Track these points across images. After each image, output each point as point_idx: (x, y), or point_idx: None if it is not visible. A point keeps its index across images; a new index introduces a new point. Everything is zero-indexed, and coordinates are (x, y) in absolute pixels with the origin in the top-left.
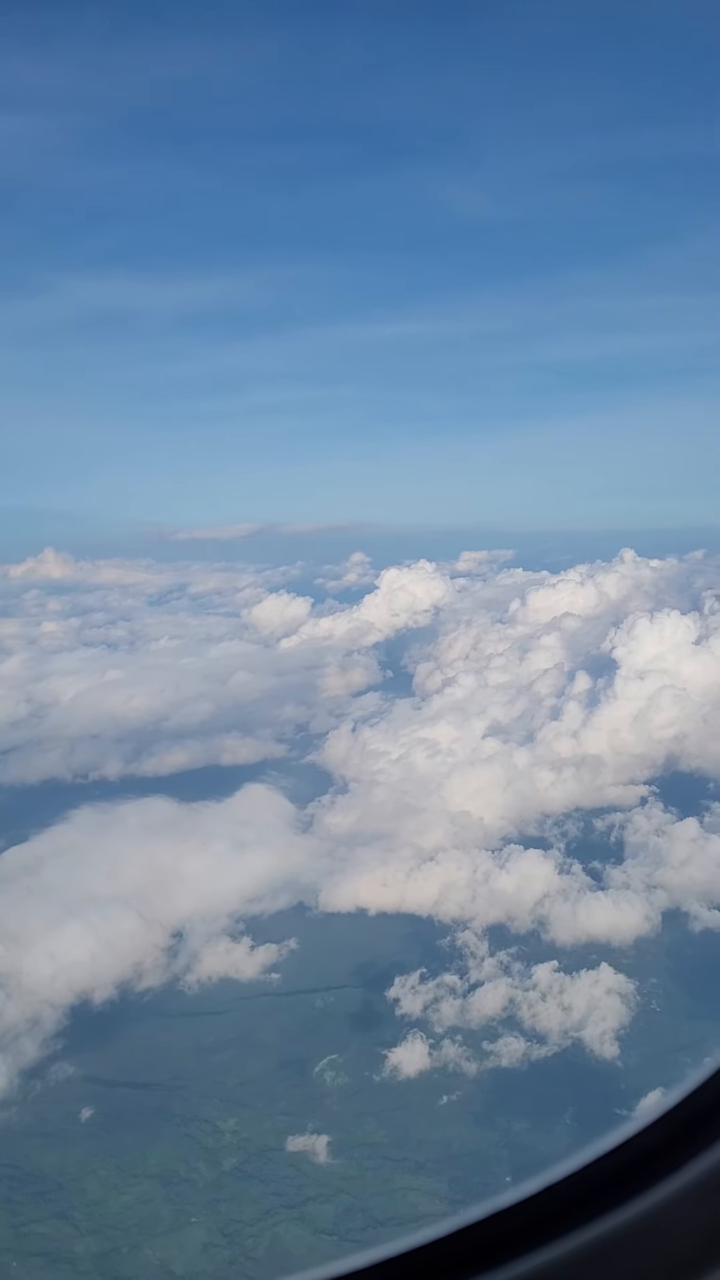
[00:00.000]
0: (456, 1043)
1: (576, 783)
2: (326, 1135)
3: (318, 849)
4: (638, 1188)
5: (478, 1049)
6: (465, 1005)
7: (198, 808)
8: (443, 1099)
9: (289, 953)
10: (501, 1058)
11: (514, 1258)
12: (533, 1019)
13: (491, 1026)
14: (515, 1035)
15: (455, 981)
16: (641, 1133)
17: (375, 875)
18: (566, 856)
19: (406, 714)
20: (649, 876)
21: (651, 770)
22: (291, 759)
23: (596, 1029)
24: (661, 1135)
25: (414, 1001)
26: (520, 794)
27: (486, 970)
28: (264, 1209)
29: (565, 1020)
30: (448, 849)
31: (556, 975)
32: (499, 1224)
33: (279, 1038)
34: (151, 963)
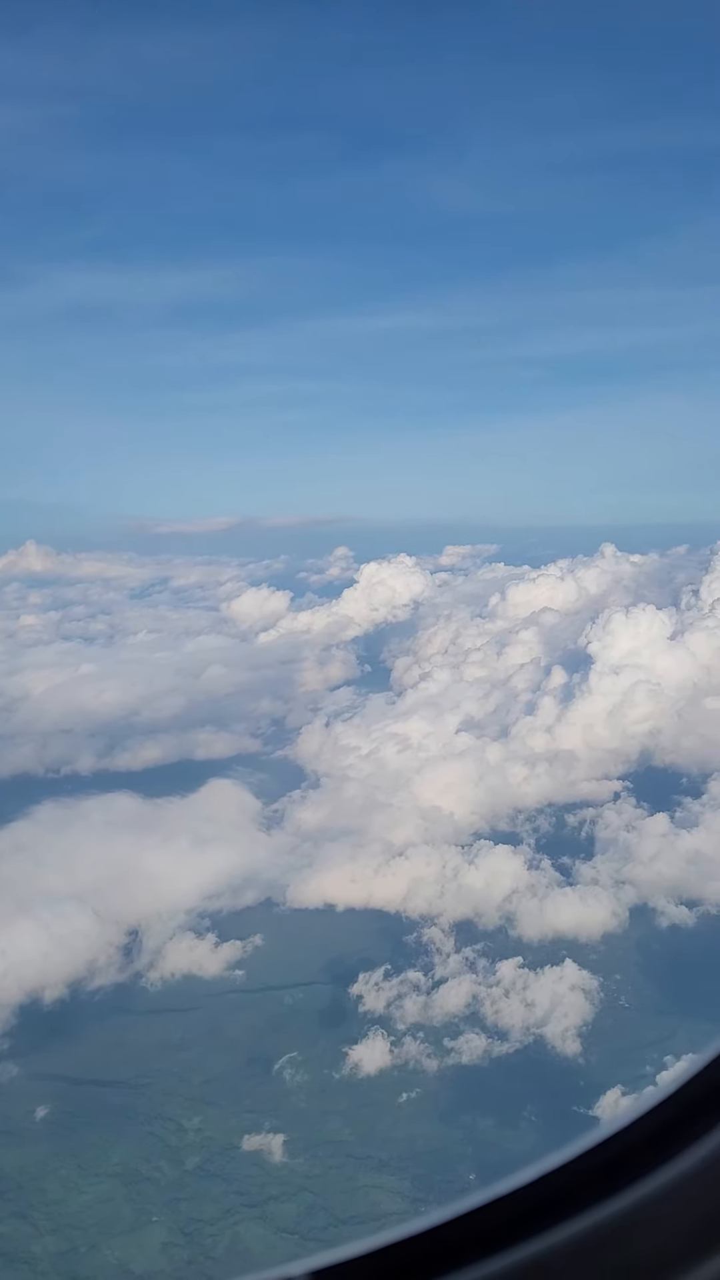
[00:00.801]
0: (418, 1040)
1: (549, 778)
2: (290, 1133)
3: (286, 844)
4: (630, 1179)
5: (439, 1046)
6: (429, 1002)
7: (162, 803)
8: (402, 1096)
9: (254, 949)
10: (462, 1055)
11: (506, 1247)
12: (496, 1015)
13: (453, 1023)
14: (477, 1032)
15: (419, 978)
16: (633, 1124)
17: (344, 871)
18: (536, 852)
19: (380, 709)
20: (618, 872)
21: (625, 765)
22: (265, 754)
23: (558, 1026)
24: (652, 1127)
25: (377, 998)
26: (492, 789)
27: (451, 966)
28: (225, 1208)
29: (528, 1017)
30: (417, 844)
31: (521, 971)
32: (491, 1214)
33: (246, 1035)
34: (105, 960)
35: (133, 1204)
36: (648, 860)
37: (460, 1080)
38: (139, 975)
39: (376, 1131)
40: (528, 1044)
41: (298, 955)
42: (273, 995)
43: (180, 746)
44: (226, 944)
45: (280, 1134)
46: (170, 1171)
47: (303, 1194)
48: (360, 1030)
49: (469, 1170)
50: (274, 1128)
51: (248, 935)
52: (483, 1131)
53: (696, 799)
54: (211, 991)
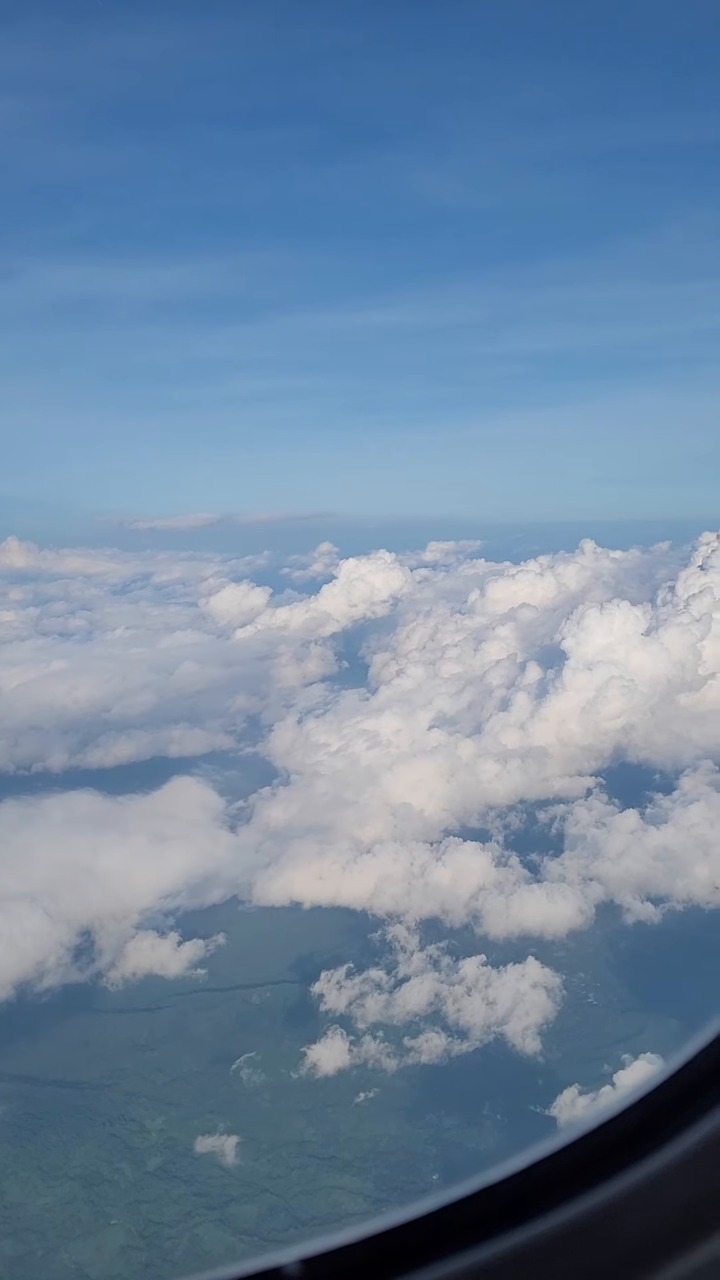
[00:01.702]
0: (378, 1039)
1: (522, 774)
2: (254, 1134)
3: (253, 842)
4: (618, 1167)
5: (399, 1045)
6: (390, 1000)
7: (124, 801)
8: (360, 1096)
9: (216, 948)
10: (422, 1054)
11: (496, 1235)
12: (458, 1014)
13: (415, 1022)
14: (438, 1031)
15: (382, 977)
16: (621, 1114)
17: (311, 868)
18: (505, 849)
19: (354, 705)
20: (586, 869)
21: (599, 762)
22: (238, 751)
23: (520, 1024)
24: (640, 1117)
25: (339, 997)
26: (463, 786)
27: (415, 964)
28: (185, 1210)
29: (490, 1015)
30: (386, 841)
31: (483, 969)
32: (481, 1202)
33: (212, 1034)
34: (56, 961)
35: (92, 1206)
36: (615, 857)
37: (424, 1079)
38: (100, 975)
39: (340, 1132)
40: (488, 1043)
41: (264, 953)
42: (239, 994)
43: (153, 743)
44: (189, 943)
45: (244, 1134)
46: (131, 1173)
47: (264, 1195)
48: (322, 1029)
49: (433, 1170)
50: (237, 1128)
51: (211, 934)
52: (447, 1131)
53: (668, 795)
54: (176, 990)
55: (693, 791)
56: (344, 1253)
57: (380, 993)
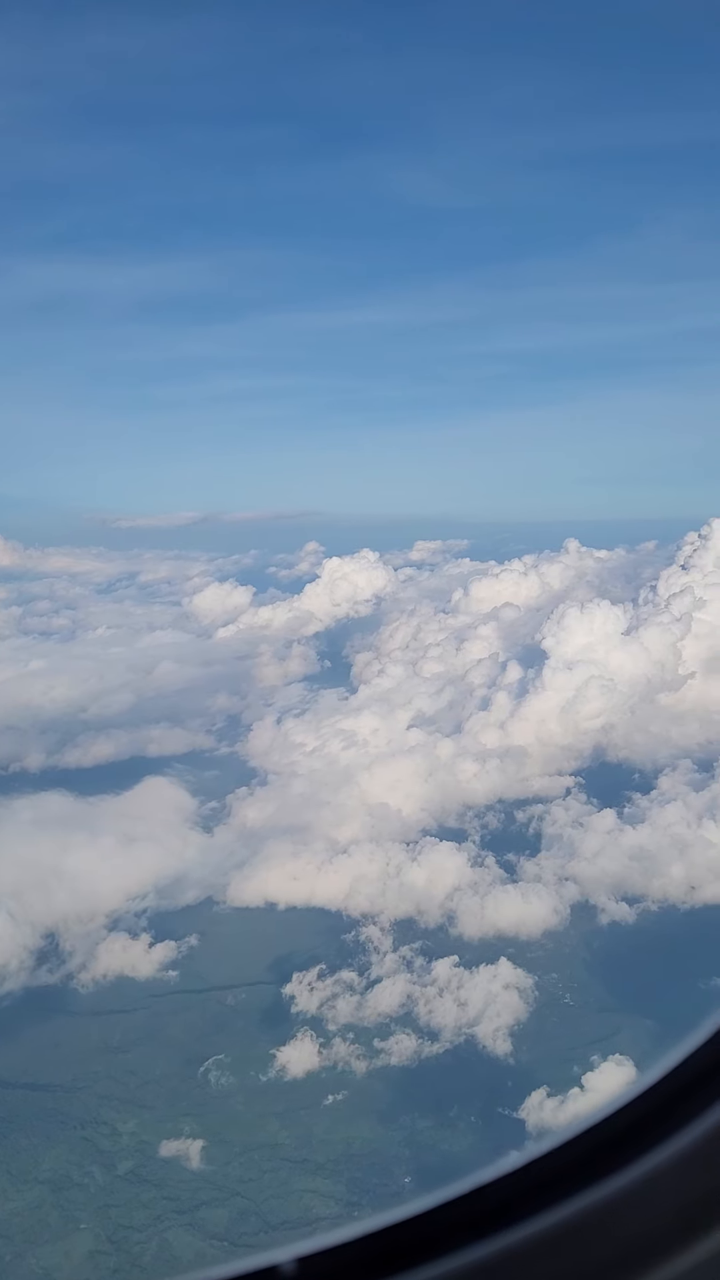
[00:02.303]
0: (348, 1041)
1: (500, 774)
2: (226, 1136)
3: (229, 842)
4: (617, 1164)
5: (369, 1047)
6: (362, 1002)
7: (95, 802)
8: (329, 1099)
9: (190, 949)
10: (392, 1056)
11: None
12: (429, 1015)
13: (385, 1024)
14: (408, 1032)
15: (354, 978)
16: (620, 1110)
17: (286, 869)
18: (482, 849)
19: (333, 705)
20: (562, 869)
21: (578, 761)
22: (216, 750)
23: (491, 1025)
24: (638, 1113)
25: (311, 999)
26: (441, 785)
27: (388, 966)
28: (155, 1214)
29: (461, 1016)
30: (362, 842)
31: (456, 970)
32: (479, 1200)
33: (187, 1036)
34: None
35: (61, 1211)
36: (591, 857)
37: (396, 1081)
38: (70, 977)
39: (313, 1134)
40: (459, 1044)
41: (240, 954)
42: (214, 995)
43: (132, 743)
44: (161, 944)
45: (216, 1137)
46: (102, 1177)
47: (235, 1199)
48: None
49: (405, 1173)
50: (210, 1131)
51: (184, 935)
52: (421, 1133)
53: (646, 795)
54: (149, 992)
55: (670, 791)
56: (339, 1251)
57: (352, 994)
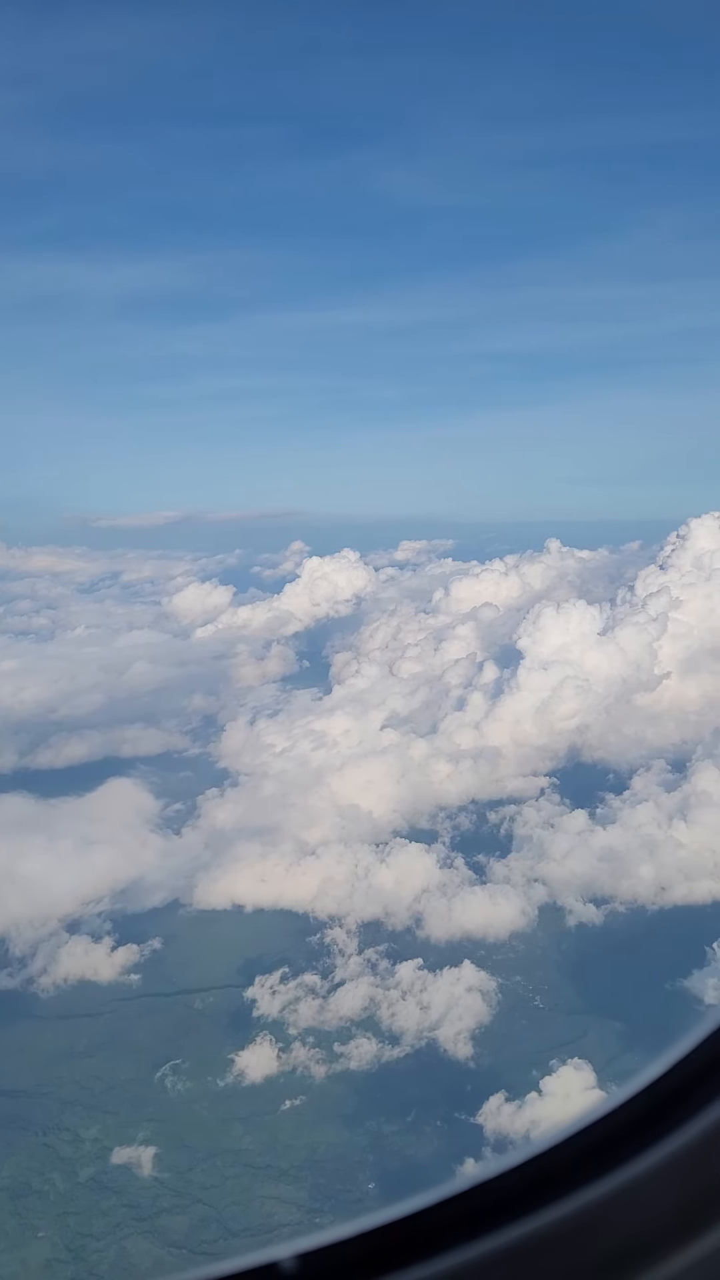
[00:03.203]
0: (308, 1045)
1: (474, 775)
2: (191, 1141)
3: (196, 844)
4: (616, 1162)
5: (329, 1051)
6: (324, 1005)
7: (57, 804)
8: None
9: (157, 952)
10: (351, 1060)
11: (493, 1230)
12: (391, 1019)
13: (346, 1028)
14: (369, 1036)
15: (317, 981)
16: (618, 1109)
17: (254, 871)
18: (452, 850)
19: (306, 705)
20: (531, 870)
21: (553, 762)
22: (191, 751)
23: (453, 1029)
24: (637, 1112)
25: (273, 1002)
26: (414, 786)
27: (352, 968)
28: (115, 1221)
29: (423, 1020)
30: (331, 843)
31: (419, 973)
32: (478, 1197)
33: (153, 1040)
34: None
35: (19, 1219)
36: (561, 858)
37: (359, 1086)
38: (31, 980)
39: (278, 1139)
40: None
41: (207, 957)
42: (182, 999)
43: (106, 744)
44: (123, 948)
45: (179, 1143)
46: (62, 1184)
47: (197, 1206)
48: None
49: (369, 1179)
50: (174, 1136)
51: (148, 938)
52: (386, 1138)
53: (620, 795)
54: (116, 996)
55: (643, 791)
56: (338, 1249)
57: (314, 998)
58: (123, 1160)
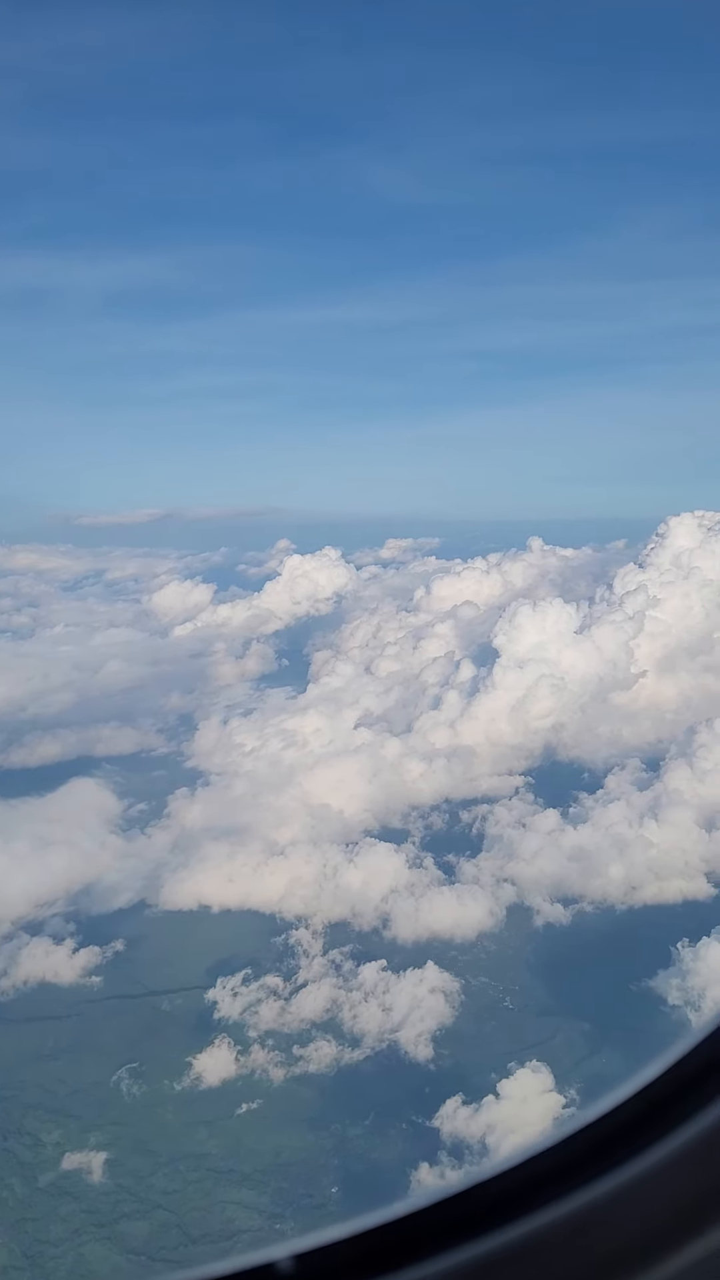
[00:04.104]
0: (267, 1048)
1: (447, 774)
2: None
3: (164, 844)
4: (614, 1163)
5: (289, 1054)
6: (286, 1007)
7: (16, 805)
8: (242, 1107)
9: (123, 953)
10: (311, 1063)
11: (490, 1230)
12: (353, 1021)
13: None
14: (329, 1039)
15: (279, 983)
16: (624, 1104)
17: (222, 871)
18: (422, 850)
19: (280, 704)
20: (500, 869)
21: (528, 761)
22: (162, 751)
23: (414, 1030)
24: (643, 1107)
25: (234, 1005)
26: (386, 786)
27: (315, 970)
28: (74, 1227)
29: (385, 1022)
30: (301, 843)
31: (383, 974)
32: (475, 1197)
33: (119, 1043)
34: None
35: None
36: (530, 857)
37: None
38: None
39: (242, 1143)
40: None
41: (175, 958)
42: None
43: (76, 743)
44: (85, 950)
45: (143, 1147)
46: (22, 1189)
47: (158, 1211)
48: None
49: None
50: (137, 1140)
51: (110, 940)
52: (350, 1141)
53: (593, 794)
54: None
55: (616, 790)
56: (336, 1248)
57: (276, 999)
58: (83, 1165)
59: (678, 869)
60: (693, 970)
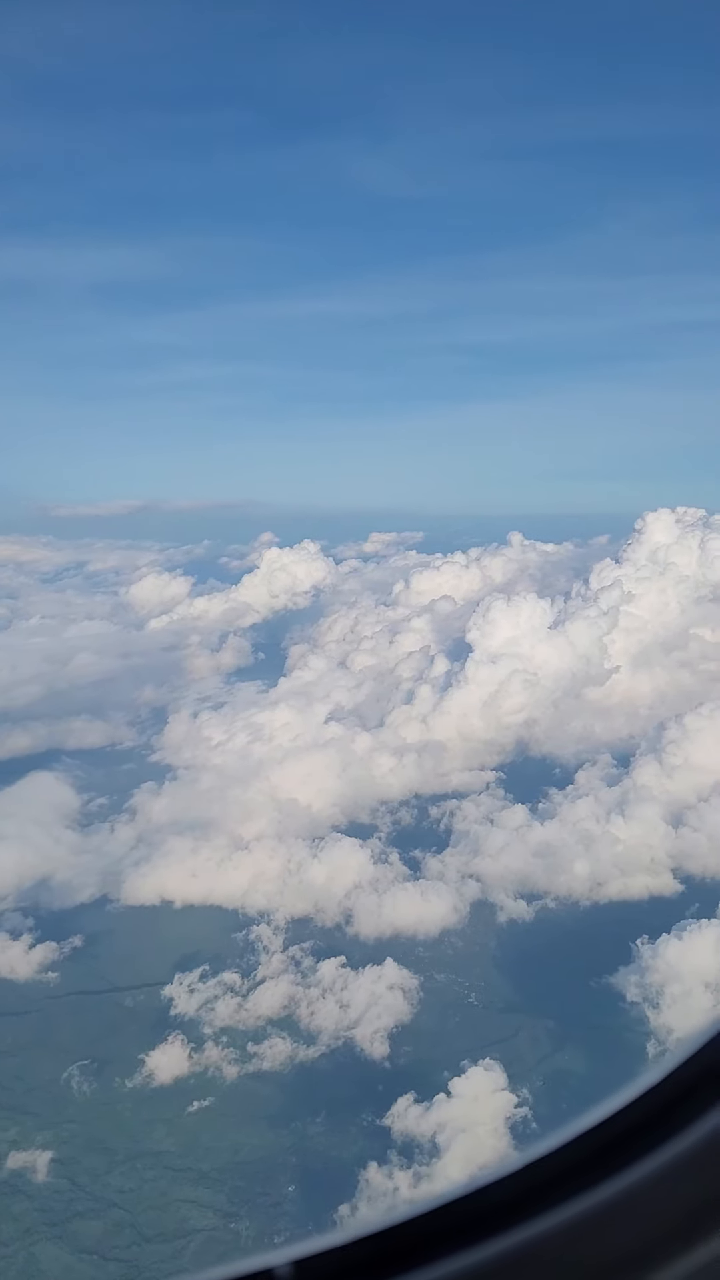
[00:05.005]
0: (221, 1045)
1: (418, 769)
2: (110, 1143)
3: (128, 839)
4: (621, 1164)
5: (243, 1051)
6: (243, 1004)
7: None
8: (193, 1105)
9: (73, 950)
10: (265, 1060)
11: (491, 1235)
12: (310, 1018)
13: (262, 1027)
14: (284, 1036)
15: (236, 980)
16: (624, 1110)
17: (185, 866)
18: (388, 845)
19: (251, 698)
20: (466, 865)
21: (500, 756)
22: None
23: (371, 1027)
24: (644, 1113)
25: (191, 1001)
26: (355, 781)
27: (274, 966)
28: (25, 1226)
29: (342, 1019)
30: (266, 838)
31: (341, 971)
32: (476, 1202)
33: (80, 1039)
34: None
35: None
36: (496, 853)
37: (276, 1086)
38: None
39: (201, 1141)
40: (336, 1048)
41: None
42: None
43: (48, 736)
44: (41, 945)
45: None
46: None
47: (112, 1210)
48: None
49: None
50: (94, 1138)
51: (69, 936)
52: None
53: (563, 790)
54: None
55: (585, 786)
56: (335, 1254)
57: (233, 996)
58: (35, 1163)
59: (644, 865)
60: (651, 967)
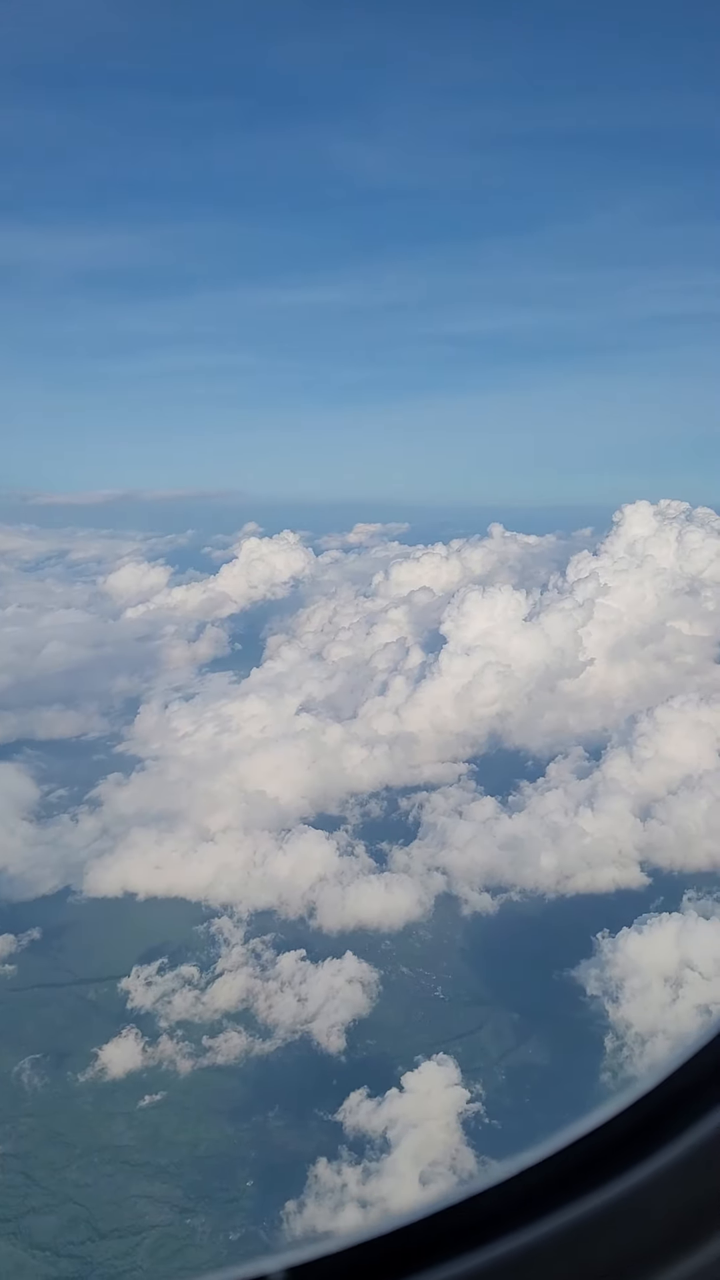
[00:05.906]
0: (177, 1038)
1: (389, 761)
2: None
3: (93, 830)
4: (621, 1167)
5: (198, 1045)
6: (200, 997)
7: None
8: (145, 1099)
9: (30, 942)
10: (219, 1054)
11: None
12: (268, 1011)
13: (219, 1021)
14: (239, 1029)
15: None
16: (624, 1112)
17: (150, 857)
18: (354, 838)
19: (222, 689)
20: (432, 858)
21: (473, 748)
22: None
23: (328, 1021)
24: (643, 1115)
25: (148, 994)
26: (325, 772)
27: (234, 959)
28: None
29: (300, 1012)
30: (232, 830)
31: (301, 964)
32: (473, 1208)
33: (41, 1032)
34: None
35: None
36: (463, 846)
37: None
38: None
39: (160, 1135)
40: (293, 1041)
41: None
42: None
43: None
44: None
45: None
46: None
47: (68, 1205)
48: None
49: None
50: (52, 1131)
51: (26, 928)
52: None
53: (534, 782)
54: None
55: (556, 778)
56: (331, 1261)
57: (191, 989)
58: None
59: (610, 858)
60: (611, 961)
